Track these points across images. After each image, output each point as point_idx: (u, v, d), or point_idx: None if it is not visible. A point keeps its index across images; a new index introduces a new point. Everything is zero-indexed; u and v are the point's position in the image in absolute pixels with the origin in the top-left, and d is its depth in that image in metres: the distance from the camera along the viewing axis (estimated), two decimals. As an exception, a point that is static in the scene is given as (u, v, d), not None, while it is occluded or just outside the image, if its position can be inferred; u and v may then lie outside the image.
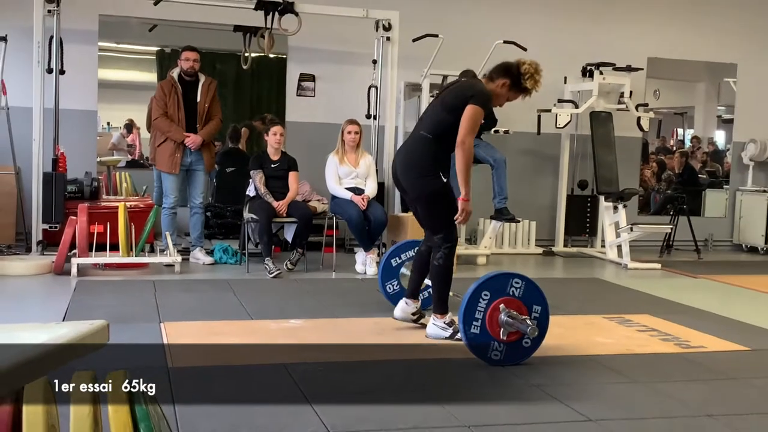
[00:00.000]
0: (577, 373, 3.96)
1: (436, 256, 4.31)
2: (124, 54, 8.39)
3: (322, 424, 3.10)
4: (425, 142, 4.33)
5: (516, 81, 4.27)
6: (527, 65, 4.26)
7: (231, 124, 8.02)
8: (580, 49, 8.58)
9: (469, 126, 4.14)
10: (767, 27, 9.50)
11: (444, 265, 4.31)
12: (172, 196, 6.74)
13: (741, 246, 9.48)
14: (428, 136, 4.33)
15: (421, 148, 4.36)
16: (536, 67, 4.27)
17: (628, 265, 7.72)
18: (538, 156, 8.78)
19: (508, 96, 4.34)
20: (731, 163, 9.72)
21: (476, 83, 4.34)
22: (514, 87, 4.29)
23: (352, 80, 8.03)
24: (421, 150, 4.34)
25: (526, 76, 4.24)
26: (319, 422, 3.12)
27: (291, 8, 7.17)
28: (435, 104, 4.49)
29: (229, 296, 5.50)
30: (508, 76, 4.27)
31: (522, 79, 4.25)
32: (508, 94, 4.32)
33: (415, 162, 4.36)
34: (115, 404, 1.92)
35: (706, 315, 5.50)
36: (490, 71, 4.36)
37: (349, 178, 6.78)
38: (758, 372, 4.10)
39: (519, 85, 4.27)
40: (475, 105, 4.15)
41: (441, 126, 4.28)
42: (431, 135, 4.32)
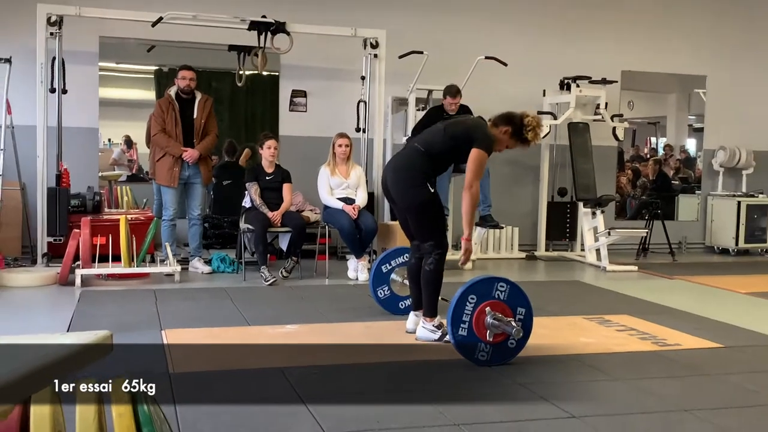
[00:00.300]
0: (561, 372, 3.96)
1: (427, 262, 4.31)
2: (123, 73, 8.36)
3: (317, 424, 3.09)
4: (417, 155, 4.33)
5: (518, 130, 4.29)
6: (530, 118, 4.30)
7: (227, 139, 8.00)
8: (558, 64, 8.61)
9: (475, 170, 4.15)
10: (734, 41, 9.57)
11: (435, 270, 4.31)
12: (172, 208, 6.72)
13: (713, 248, 9.52)
14: (421, 149, 4.34)
15: (412, 160, 4.36)
16: (538, 122, 4.33)
17: (607, 267, 7.74)
18: (520, 165, 8.80)
19: (509, 143, 4.34)
20: (702, 169, 9.77)
21: (482, 126, 4.32)
22: (515, 135, 4.30)
23: (341, 96, 8.03)
24: (412, 161, 4.35)
25: (528, 127, 4.28)
26: (315, 423, 3.10)
27: (283, 28, 7.17)
28: (437, 128, 4.44)
29: (227, 303, 5.48)
30: (510, 125, 4.29)
31: (524, 129, 4.28)
32: (509, 141, 4.33)
33: (405, 173, 4.37)
34: (118, 409, 1.90)
35: (681, 314, 5.51)
36: (495, 118, 4.36)
37: (341, 188, 6.77)
38: (731, 368, 4.10)
39: (520, 134, 4.30)
40: (480, 149, 4.17)
41: (436, 145, 4.30)
42: (424, 149, 4.33)
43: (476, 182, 4.16)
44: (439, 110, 7.50)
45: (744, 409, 3.42)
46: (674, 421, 3.24)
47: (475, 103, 7.69)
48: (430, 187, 4.27)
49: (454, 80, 7.55)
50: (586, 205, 8.17)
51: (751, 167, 9.52)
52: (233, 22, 7.09)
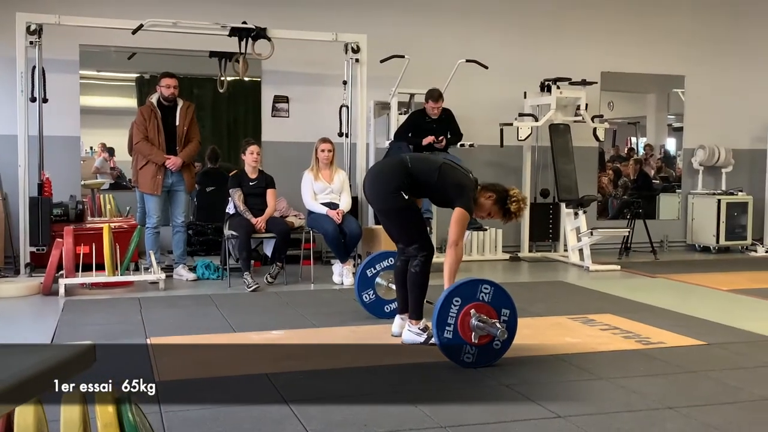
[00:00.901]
0: (546, 372, 3.98)
1: (413, 264, 4.33)
2: (104, 81, 8.32)
3: (304, 429, 3.09)
4: (403, 169, 4.36)
5: (502, 199, 4.34)
6: (516, 192, 4.38)
7: (209, 145, 7.98)
8: (538, 66, 8.65)
9: (459, 229, 4.17)
10: (711, 42, 9.66)
11: (420, 272, 4.32)
12: (155, 216, 6.69)
13: (694, 246, 9.59)
14: (409, 166, 4.37)
15: (395, 170, 4.40)
16: (524, 198, 4.40)
17: (590, 267, 7.78)
18: (502, 167, 8.83)
19: (491, 210, 4.38)
20: (682, 168, 9.84)
21: (469, 189, 4.31)
22: (498, 203, 4.35)
23: (324, 100, 8.03)
24: (395, 171, 4.38)
25: (513, 199, 4.33)
26: (301, 428, 3.10)
27: (264, 34, 7.17)
28: (435, 162, 4.45)
29: (212, 310, 5.46)
30: (495, 193, 4.35)
31: (509, 200, 4.34)
32: (492, 208, 4.37)
33: (383, 177, 4.42)
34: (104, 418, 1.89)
35: (664, 313, 5.55)
36: (485, 184, 4.41)
37: (324, 193, 6.77)
38: (714, 365, 4.13)
39: (504, 203, 4.35)
40: (462, 208, 4.21)
41: (424, 174, 4.33)
42: (411, 167, 4.36)
43: (461, 241, 4.21)
44: (422, 114, 7.53)
45: (727, 405, 3.45)
46: (659, 419, 3.27)
47: (457, 106, 7.75)
48: (404, 195, 4.28)
49: (436, 84, 7.58)
50: (568, 205, 8.21)
51: (730, 165, 9.61)
52: (214, 28, 7.08)
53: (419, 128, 7.46)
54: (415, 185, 4.32)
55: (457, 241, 4.18)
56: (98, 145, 8.03)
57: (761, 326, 5.03)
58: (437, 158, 4.56)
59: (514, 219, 4.44)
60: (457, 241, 4.18)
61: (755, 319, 5.38)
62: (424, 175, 4.35)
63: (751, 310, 5.86)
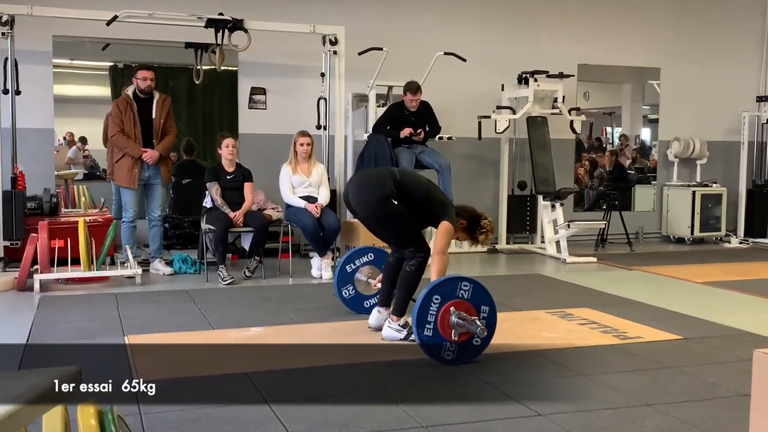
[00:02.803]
0: (526, 369, 4.00)
1: (409, 263, 4.33)
2: (78, 70, 8.20)
3: (285, 430, 3.08)
4: (391, 178, 4.37)
5: (472, 227, 4.47)
6: (487, 222, 4.51)
7: (185, 137, 7.90)
8: (516, 59, 8.66)
9: (445, 240, 4.28)
10: (687, 35, 9.72)
11: (415, 272, 4.33)
12: (132, 210, 6.61)
13: (669, 237, 9.68)
14: (397, 176, 4.40)
15: (383, 178, 4.40)
16: (492, 229, 4.59)
17: (567, 259, 7.83)
18: (480, 160, 8.85)
19: (459, 235, 4.50)
20: (657, 160, 9.92)
21: (452, 207, 4.46)
22: (468, 230, 4.48)
23: (301, 93, 7.97)
24: (383, 180, 4.37)
25: (482, 230, 4.48)
26: (282, 428, 3.09)
27: (240, 25, 7.09)
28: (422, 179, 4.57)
29: (190, 306, 5.41)
30: (467, 220, 4.46)
31: (478, 230, 4.48)
32: (461, 233, 4.48)
33: (370, 185, 4.41)
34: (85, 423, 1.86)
35: (641, 306, 5.60)
36: (459, 208, 4.50)
37: (303, 187, 6.73)
38: (690, 360, 4.18)
39: (473, 231, 4.48)
40: (448, 222, 4.30)
41: (413, 187, 4.38)
42: (400, 179, 4.38)
43: (447, 249, 4.28)
44: (400, 107, 7.52)
45: (704, 402, 3.49)
46: (638, 416, 3.30)
47: (435, 99, 7.74)
48: (394, 201, 4.29)
49: (414, 76, 7.56)
50: (545, 198, 8.24)
51: (704, 157, 9.70)
52: (190, 19, 6.99)
53: (397, 121, 7.45)
54: (403, 196, 4.32)
55: (443, 250, 4.23)
56: (67, 134, 7.92)
57: (736, 320, 5.09)
58: (423, 177, 4.66)
59: (478, 245, 4.66)
60: (443, 250, 4.22)
61: (730, 312, 5.46)
62: (413, 189, 4.38)
63: (726, 303, 5.93)
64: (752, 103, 9.84)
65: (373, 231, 4.67)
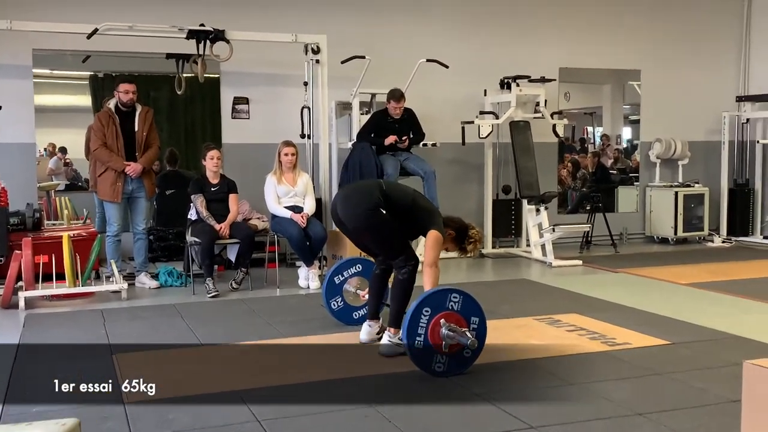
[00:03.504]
0: (516, 379, 4.01)
1: (401, 272, 4.32)
2: (58, 80, 8.13)
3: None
4: (378, 190, 4.38)
5: (460, 237, 4.47)
6: (475, 232, 4.52)
7: (168, 148, 7.85)
8: (498, 64, 8.68)
9: (435, 251, 4.28)
10: (666, 37, 9.79)
11: (407, 280, 4.32)
12: (116, 224, 6.56)
13: (653, 238, 9.75)
14: (383, 187, 4.42)
15: (371, 189, 4.41)
16: (481, 239, 4.60)
17: (553, 263, 7.86)
18: (464, 165, 8.87)
19: (448, 245, 4.49)
20: (640, 161, 9.98)
21: (439, 216, 4.47)
22: (456, 240, 4.48)
23: (285, 102, 7.95)
24: (371, 191, 4.39)
25: (470, 240, 4.48)
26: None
27: (222, 36, 7.07)
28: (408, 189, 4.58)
29: (178, 321, 5.38)
30: (455, 231, 4.46)
31: (467, 240, 4.47)
32: (449, 243, 4.48)
33: (358, 197, 4.41)
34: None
35: (627, 310, 5.63)
36: (447, 218, 4.50)
37: (288, 197, 6.72)
38: (679, 366, 4.20)
39: (461, 242, 4.48)
40: (436, 231, 4.30)
41: (400, 197, 4.39)
42: (386, 189, 4.40)
43: (438, 261, 4.28)
44: (384, 114, 7.52)
45: (694, 410, 3.51)
46: (630, 426, 3.31)
47: (418, 106, 7.75)
48: (382, 210, 4.28)
49: (397, 84, 7.57)
50: (530, 202, 8.28)
51: (686, 158, 9.78)
52: (171, 31, 6.95)
53: (382, 128, 7.45)
54: (390, 206, 4.32)
55: (434, 262, 4.23)
56: (48, 146, 7.86)
57: (722, 323, 5.13)
58: (409, 188, 4.66)
59: (467, 255, 4.65)
60: (434, 262, 4.23)
61: (716, 315, 5.50)
62: (399, 199, 4.39)
63: (711, 305, 5.97)
64: (732, 103, 9.94)
65: (360, 243, 4.66)
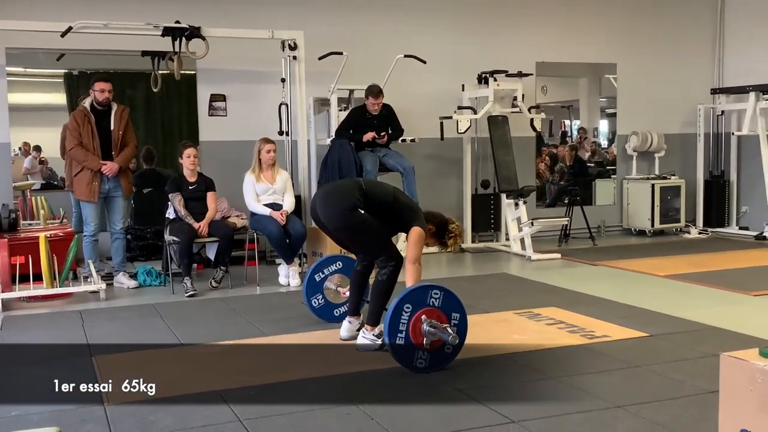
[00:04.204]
0: (497, 374, 4.04)
1: (381, 272, 4.33)
2: (32, 78, 8.04)
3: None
4: (357, 188, 4.38)
5: (440, 233, 4.47)
6: (455, 227, 4.51)
7: (145, 146, 7.80)
8: (475, 59, 8.69)
9: (417, 248, 4.27)
10: (641, 30, 9.85)
11: (388, 281, 4.32)
12: (93, 224, 6.50)
13: (630, 230, 9.83)
14: (363, 186, 4.42)
15: (349, 188, 4.41)
16: (461, 233, 4.58)
17: (531, 257, 7.90)
18: (443, 160, 8.88)
19: (428, 241, 4.47)
20: (616, 154, 10.05)
21: (420, 212, 4.47)
22: (436, 236, 4.48)
23: (262, 98, 7.91)
24: (350, 190, 4.38)
25: (450, 234, 4.48)
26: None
27: (198, 33, 7.02)
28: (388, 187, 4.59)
29: (157, 321, 5.35)
30: (435, 225, 4.46)
31: (446, 234, 4.48)
32: (429, 239, 4.47)
33: (336, 196, 4.40)
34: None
35: (606, 303, 5.68)
36: (428, 213, 4.49)
37: (267, 194, 6.69)
38: (657, 358, 4.25)
39: (441, 237, 4.48)
40: (419, 227, 4.30)
41: (379, 195, 4.39)
42: (366, 188, 4.40)
43: (420, 257, 4.27)
44: (362, 110, 7.52)
45: (673, 401, 3.55)
46: (610, 419, 3.35)
47: (397, 101, 7.75)
48: (361, 210, 4.28)
49: (375, 79, 7.56)
50: (508, 196, 8.31)
51: (662, 150, 9.86)
52: (146, 29, 6.90)
53: (360, 124, 7.45)
54: (370, 205, 4.31)
55: (417, 259, 4.23)
56: (23, 145, 7.77)
57: (699, 314, 5.20)
58: (389, 185, 4.66)
59: (448, 249, 4.64)
60: (416, 259, 4.22)
61: (693, 306, 5.56)
62: (379, 197, 4.39)
63: (688, 296, 6.04)
64: (707, 95, 10.02)
65: (342, 243, 4.67)
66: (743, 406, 2.41)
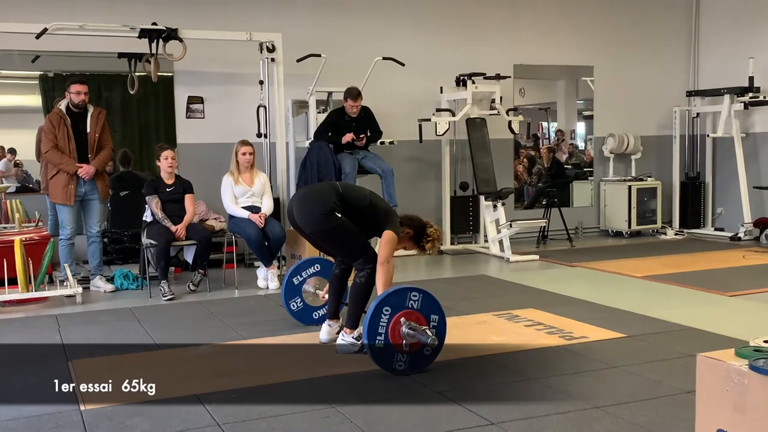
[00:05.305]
0: (476, 376, 4.05)
1: (359, 275, 4.32)
2: (6, 80, 7.95)
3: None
4: (333, 192, 4.38)
5: (418, 236, 4.47)
6: (433, 230, 4.50)
7: (121, 149, 7.74)
8: (454, 61, 8.73)
9: (389, 249, 4.26)
10: (617, 33, 9.94)
11: (366, 284, 4.31)
12: (69, 227, 6.44)
13: (608, 231, 9.91)
14: (339, 189, 4.42)
15: (326, 192, 4.41)
16: (439, 237, 4.56)
17: (510, 258, 7.94)
18: (422, 162, 8.91)
19: (406, 244, 4.49)
20: (593, 156, 10.12)
21: (395, 216, 4.48)
22: (414, 239, 4.48)
23: (240, 101, 7.89)
24: (326, 194, 4.38)
25: (428, 238, 4.48)
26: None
27: (175, 35, 6.98)
28: (364, 191, 4.59)
29: (134, 325, 5.30)
30: (412, 229, 4.46)
31: (425, 238, 4.47)
32: (407, 242, 4.48)
33: (313, 201, 4.39)
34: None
35: (584, 304, 5.71)
36: (404, 218, 4.50)
37: (245, 197, 6.67)
38: (634, 358, 4.29)
39: (419, 240, 4.48)
40: (391, 231, 4.30)
41: (354, 198, 4.39)
42: (342, 191, 4.40)
43: (392, 259, 4.26)
44: (341, 113, 7.51)
45: (650, 402, 3.58)
46: (587, 420, 3.37)
47: (375, 103, 7.77)
48: (338, 214, 4.27)
49: (353, 82, 7.57)
50: (487, 198, 8.34)
51: (639, 152, 9.95)
52: (123, 30, 6.84)
53: (339, 127, 7.45)
54: (347, 208, 4.31)
55: (387, 260, 4.22)
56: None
57: (675, 314, 5.25)
58: (365, 189, 4.66)
59: (427, 253, 4.64)
60: (387, 260, 4.22)
61: (669, 306, 5.61)
62: (355, 200, 4.39)
63: (664, 297, 6.10)
64: (682, 97, 10.14)
65: (319, 246, 4.67)
66: (719, 406, 2.44)
